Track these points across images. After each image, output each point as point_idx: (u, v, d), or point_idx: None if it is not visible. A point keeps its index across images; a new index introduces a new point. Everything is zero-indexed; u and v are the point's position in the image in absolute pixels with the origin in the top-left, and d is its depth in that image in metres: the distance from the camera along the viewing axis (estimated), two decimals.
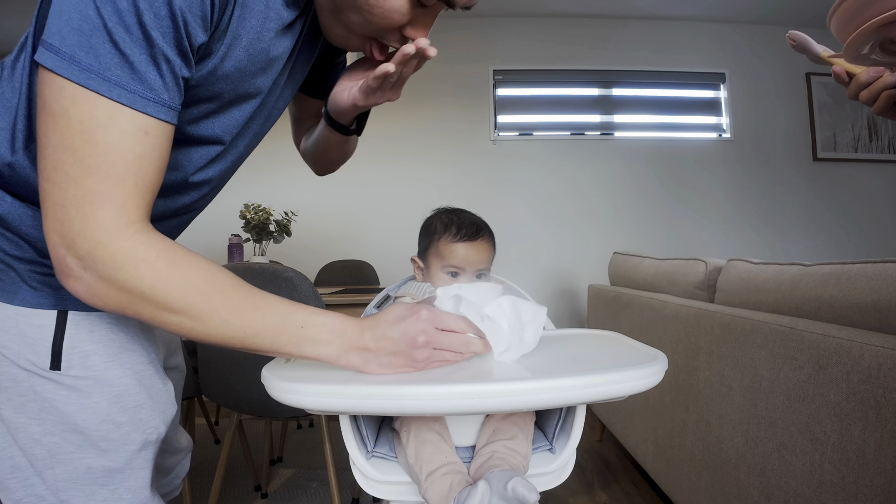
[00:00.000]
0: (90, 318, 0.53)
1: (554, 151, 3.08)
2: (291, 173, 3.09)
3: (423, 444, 0.69)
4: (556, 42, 3.11)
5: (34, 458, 0.50)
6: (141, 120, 0.41)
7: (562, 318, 3.00)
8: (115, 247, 0.40)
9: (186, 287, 0.44)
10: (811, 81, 3.12)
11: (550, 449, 0.76)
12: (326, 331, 0.50)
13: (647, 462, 1.49)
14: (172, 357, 0.75)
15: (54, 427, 0.50)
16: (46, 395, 0.49)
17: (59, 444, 0.50)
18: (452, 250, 0.83)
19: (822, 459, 0.78)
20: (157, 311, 0.43)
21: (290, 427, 2.29)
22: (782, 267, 1.05)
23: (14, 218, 0.48)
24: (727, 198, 3.09)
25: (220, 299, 0.46)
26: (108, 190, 0.40)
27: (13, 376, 0.49)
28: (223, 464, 1.40)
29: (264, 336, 0.48)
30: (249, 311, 0.47)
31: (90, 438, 0.52)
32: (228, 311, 0.46)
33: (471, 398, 0.49)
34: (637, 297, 1.64)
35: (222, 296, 0.46)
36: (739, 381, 1.01)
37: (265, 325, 0.48)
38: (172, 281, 0.43)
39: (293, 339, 0.49)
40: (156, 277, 0.42)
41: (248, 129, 0.61)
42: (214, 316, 0.45)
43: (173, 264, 0.44)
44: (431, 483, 0.64)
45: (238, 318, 0.47)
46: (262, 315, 0.48)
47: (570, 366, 0.65)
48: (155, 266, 0.42)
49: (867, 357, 0.71)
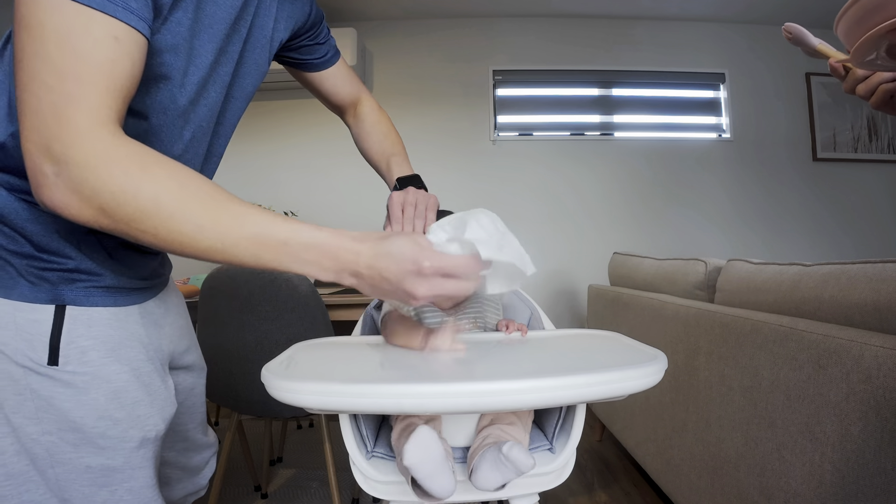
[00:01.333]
0: (88, 312, 0.53)
1: (554, 151, 3.08)
2: (291, 173, 3.09)
3: (405, 429, 0.69)
4: (555, 42, 3.11)
5: (35, 458, 0.49)
6: (112, 25, 0.41)
7: (562, 318, 3.00)
8: (87, 147, 0.40)
9: (158, 189, 0.42)
10: (811, 81, 3.12)
11: (550, 449, 0.76)
12: (315, 252, 0.47)
13: (646, 462, 1.49)
14: (186, 355, 0.73)
15: (51, 426, 0.49)
16: (43, 393, 0.49)
17: (57, 443, 0.50)
18: None
19: (822, 459, 0.78)
20: (129, 217, 0.41)
21: (290, 427, 2.28)
22: (782, 267, 1.05)
23: (10, 212, 0.48)
24: (727, 198, 3.09)
25: (195, 205, 0.43)
26: (82, 93, 0.40)
27: (10, 374, 0.48)
28: (223, 464, 1.40)
29: (245, 248, 0.45)
30: (227, 220, 0.44)
31: (87, 436, 0.51)
32: (204, 217, 0.43)
33: (470, 397, 0.49)
34: (637, 298, 1.64)
35: (197, 201, 0.44)
36: (739, 381, 1.01)
37: (244, 236, 0.45)
38: (144, 183, 0.41)
39: (277, 254, 0.46)
40: (126, 178, 0.41)
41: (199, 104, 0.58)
42: (189, 221, 0.43)
43: (144, 166, 0.42)
44: (399, 447, 0.63)
45: (215, 225, 0.44)
46: (240, 225, 0.45)
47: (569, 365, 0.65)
48: (126, 167, 0.41)
49: (867, 357, 0.71)
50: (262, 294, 1.24)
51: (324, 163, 3.07)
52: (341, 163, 3.06)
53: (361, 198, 3.05)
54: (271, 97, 3.08)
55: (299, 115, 3.08)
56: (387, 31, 3.11)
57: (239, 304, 1.27)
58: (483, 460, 0.61)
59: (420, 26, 3.11)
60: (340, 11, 3.02)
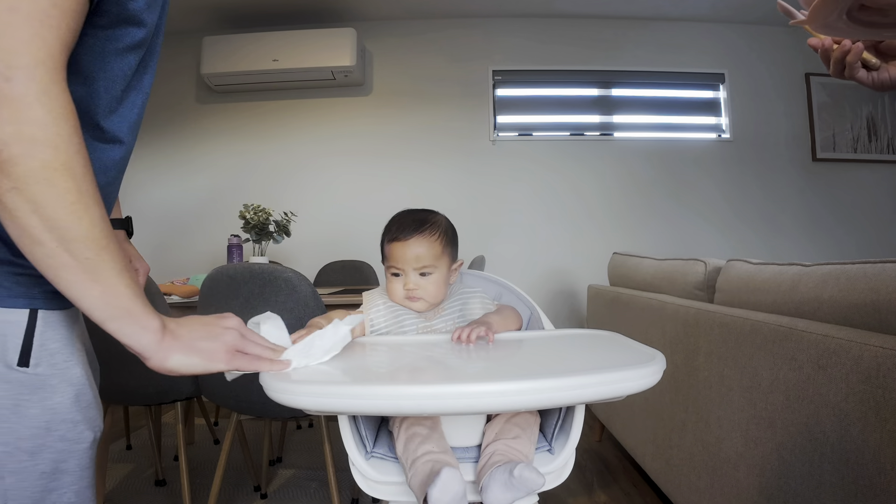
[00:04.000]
0: (56, 316, 0.53)
1: (553, 152, 3.08)
2: (291, 174, 3.09)
3: (412, 438, 0.69)
4: (555, 42, 3.11)
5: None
6: None
7: (561, 319, 3.00)
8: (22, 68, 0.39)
9: (67, 138, 0.41)
10: (810, 82, 3.12)
11: (549, 449, 0.76)
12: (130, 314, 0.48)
13: (646, 462, 1.49)
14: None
15: (8, 437, 0.48)
16: (7, 403, 0.48)
17: (13, 452, 0.49)
18: (390, 251, 0.85)
19: (822, 460, 0.78)
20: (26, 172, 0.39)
21: (289, 427, 2.28)
22: (781, 267, 1.05)
23: None
24: (726, 198, 3.09)
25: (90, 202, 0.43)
26: (17, 22, 0.38)
27: None
28: (223, 464, 1.40)
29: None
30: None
31: (47, 441, 0.51)
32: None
33: (468, 398, 0.49)
34: (636, 298, 1.64)
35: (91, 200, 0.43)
36: (739, 381, 1.01)
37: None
38: (62, 130, 0.41)
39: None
40: (38, 124, 0.39)
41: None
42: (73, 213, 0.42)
43: (73, 126, 0.42)
44: (415, 471, 0.64)
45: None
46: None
47: (568, 366, 0.65)
48: (39, 114, 0.39)
49: (866, 357, 0.71)
50: (262, 294, 1.24)
51: (323, 163, 3.07)
52: (341, 163, 3.06)
53: (361, 197, 3.05)
54: (271, 97, 3.08)
55: (299, 115, 3.08)
56: (387, 31, 3.11)
57: (238, 304, 1.27)
58: (493, 481, 0.61)
59: (420, 26, 3.11)
60: (340, 11, 3.02)
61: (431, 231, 0.85)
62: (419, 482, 0.63)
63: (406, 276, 0.84)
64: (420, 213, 0.89)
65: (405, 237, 0.83)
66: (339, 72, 2.87)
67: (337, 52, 2.81)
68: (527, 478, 0.58)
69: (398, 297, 0.86)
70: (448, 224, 0.90)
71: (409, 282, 0.83)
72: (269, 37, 2.85)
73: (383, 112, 3.09)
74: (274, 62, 2.82)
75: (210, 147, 3.10)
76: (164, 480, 1.73)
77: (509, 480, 0.59)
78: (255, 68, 2.83)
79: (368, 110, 3.09)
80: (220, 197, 3.02)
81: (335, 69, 2.84)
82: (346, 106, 3.09)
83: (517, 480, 0.59)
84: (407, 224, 0.85)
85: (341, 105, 3.09)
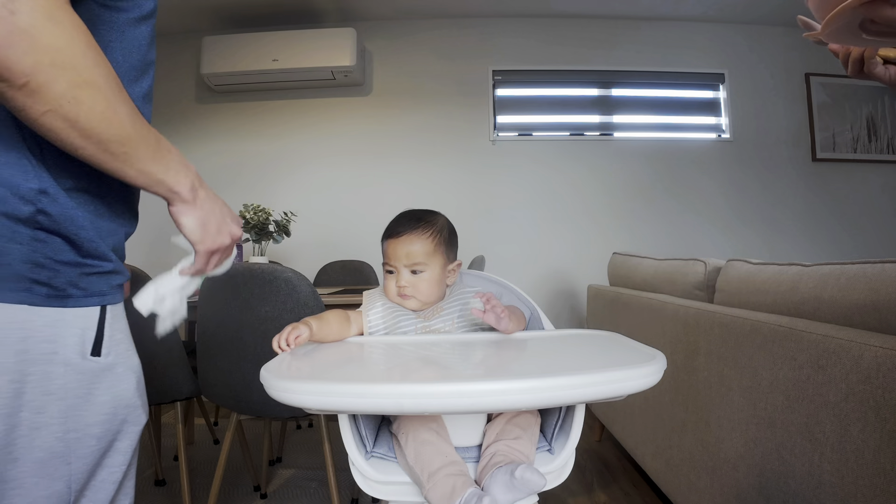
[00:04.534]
0: (119, 308, 0.57)
1: (553, 152, 3.08)
2: (291, 174, 3.09)
3: (422, 445, 0.69)
4: (555, 42, 3.11)
5: (56, 454, 0.51)
6: None
7: (561, 319, 3.00)
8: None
9: (82, 55, 0.44)
10: (810, 82, 3.12)
11: (549, 449, 0.76)
12: (179, 157, 0.56)
13: (646, 462, 1.49)
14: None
15: (79, 424, 0.52)
16: (81, 392, 0.52)
17: (82, 439, 0.53)
18: (385, 248, 0.87)
19: (822, 460, 0.78)
20: (59, 71, 0.42)
21: (289, 427, 2.28)
22: (781, 267, 1.05)
23: (66, 220, 0.51)
24: (726, 198, 3.09)
25: (121, 96, 0.48)
26: None
27: (48, 377, 0.50)
28: (222, 464, 1.40)
29: (147, 142, 0.51)
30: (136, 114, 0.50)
31: (111, 426, 0.55)
32: (126, 106, 0.48)
33: (469, 397, 0.49)
34: (636, 298, 1.64)
35: (123, 97, 0.48)
36: (739, 381, 1.01)
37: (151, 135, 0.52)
38: (77, 49, 0.43)
39: (162, 156, 0.53)
40: (64, 37, 0.42)
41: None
42: (113, 106, 0.47)
43: (87, 42, 0.45)
44: (434, 484, 0.64)
45: (131, 111, 0.49)
46: (146, 125, 0.51)
47: (568, 365, 0.65)
48: (56, 38, 0.42)
49: (866, 357, 0.71)
50: (262, 294, 1.24)
51: (323, 163, 3.07)
52: (341, 163, 3.06)
53: (361, 197, 3.05)
54: (271, 97, 3.08)
55: (299, 114, 3.08)
56: (386, 31, 3.11)
57: (238, 304, 1.27)
58: (494, 482, 0.61)
59: (420, 26, 3.11)
60: (340, 11, 3.02)
61: (424, 229, 0.85)
62: (440, 496, 0.63)
63: (398, 273, 0.84)
64: (418, 213, 0.89)
65: (398, 234, 0.85)
66: (339, 72, 2.87)
67: (337, 52, 2.81)
68: (528, 479, 0.59)
69: (391, 295, 0.86)
70: (446, 224, 0.90)
71: (401, 279, 0.84)
72: (269, 37, 2.85)
73: (383, 112, 3.09)
74: (274, 62, 2.82)
75: (210, 147, 3.10)
76: (163, 480, 1.73)
77: (511, 482, 0.60)
78: (254, 68, 2.83)
79: (368, 110, 3.09)
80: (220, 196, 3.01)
81: (335, 69, 2.84)
82: (346, 106, 3.09)
83: (519, 482, 0.59)
84: (403, 222, 0.86)
85: (341, 105, 3.09)
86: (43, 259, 0.50)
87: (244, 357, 1.28)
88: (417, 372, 0.62)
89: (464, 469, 0.67)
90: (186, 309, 0.65)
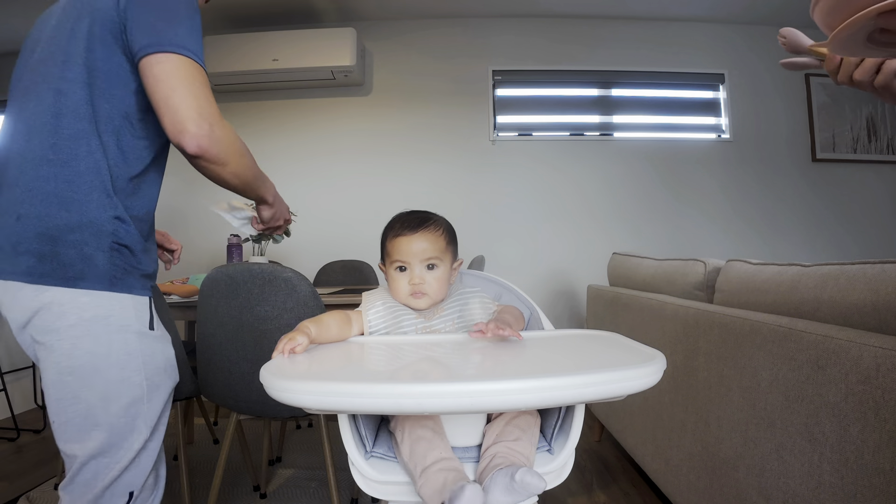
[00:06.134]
0: (156, 297, 0.95)
1: (553, 152, 3.08)
2: (291, 173, 3.09)
3: (417, 442, 0.69)
4: (555, 42, 3.11)
5: (141, 395, 0.79)
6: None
7: (561, 319, 3.00)
8: (218, 121, 0.76)
9: (241, 156, 0.83)
10: (810, 82, 3.12)
11: (549, 449, 0.76)
12: (272, 186, 1.01)
13: (645, 462, 1.49)
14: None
15: (151, 372, 0.80)
16: (147, 351, 0.80)
17: (154, 380, 0.81)
18: (395, 246, 0.86)
19: (821, 460, 0.78)
20: (231, 157, 0.80)
21: (289, 427, 2.28)
22: (781, 267, 1.05)
23: (134, 243, 0.79)
24: (726, 198, 3.09)
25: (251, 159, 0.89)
26: (209, 94, 0.76)
27: (127, 342, 0.77)
28: (222, 464, 1.40)
29: (263, 181, 0.94)
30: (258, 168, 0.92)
31: (163, 380, 0.83)
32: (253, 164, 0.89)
33: (469, 396, 0.49)
34: (636, 298, 1.64)
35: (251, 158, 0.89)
36: (738, 381, 1.01)
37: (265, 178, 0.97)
38: (236, 146, 0.81)
39: (267, 186, 0.97)
40: (231, 141, 0.79)
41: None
42: (251, 166, 0.88)
43: (239, 147, 0.82)
44: (426, 479, 0.64)
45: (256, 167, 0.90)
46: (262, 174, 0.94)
47: (568, 366, 0.65)
48: (231, 139, 0.79)
49: (866, 358, 0.71)
50: (262, 294, 1.24)
51: (323, 162, 3.07)
52: (341, 162, 3.06)
53: (361, 197, 3.05)
54: (271, 97, 3.08)
55: (299, 114, 3.08)
56: (386, 31, 3.11)
57: (238, 303, 1.27)
58: (494, 484, 0.61)
59: (420, 26, 3.11)
60: (340, 11, 3.02)
61: (436, 226, 0.87)
62: (432, 491, 0.63)
63: (412, 269, 0.84)
64: (421, 212, 0.91)
65: (411, 231, 0.85)
66: (339, 71, 2.87)
67: (337, 51, 2.81)
68: (528, 482, 0.59)
69: (402, 295, 0.86)
70: (448, 223, 0.92)
71: (415, 276, 0.84)
72: (268, 37, 2.85)
73: (383, 112, 3.09)
74: (274, 62, 2.82)
75: None
76: None
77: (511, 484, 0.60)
78: (254, 68, 2.83)
79: (368, 110, 3.09)
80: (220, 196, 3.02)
81: (335, 69, 2.84)
82: (346, 106, 3.09)
83: (519, 485, 0.59)
84: (411, 220, 0.87)
85: (341, 105, 3.09)
86: (118, 262, 0.77)
87: (244, 357, 1.28)
88: (417, 372, 0.62)
89: (457, 465, 0.67)
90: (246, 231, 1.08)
